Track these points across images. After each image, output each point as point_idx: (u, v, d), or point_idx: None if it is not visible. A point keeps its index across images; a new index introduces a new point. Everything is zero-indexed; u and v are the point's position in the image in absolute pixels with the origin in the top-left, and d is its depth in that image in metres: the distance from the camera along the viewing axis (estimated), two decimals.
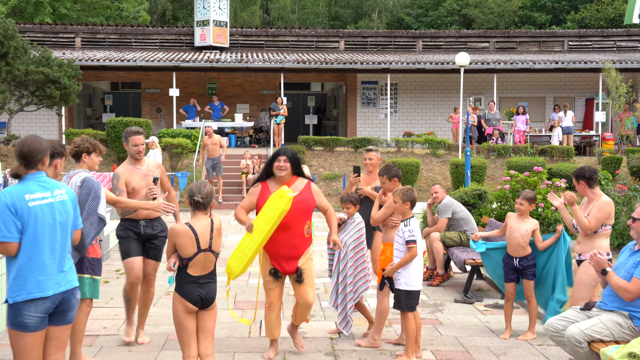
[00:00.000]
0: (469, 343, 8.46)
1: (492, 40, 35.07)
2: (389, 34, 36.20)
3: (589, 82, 31.54)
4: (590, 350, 6.42)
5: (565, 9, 57.92)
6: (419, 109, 32.42)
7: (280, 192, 6.94)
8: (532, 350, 8.20)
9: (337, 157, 26.11)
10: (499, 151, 26.12)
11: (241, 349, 8.02)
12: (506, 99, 31.84)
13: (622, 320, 6.46)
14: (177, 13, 58.67)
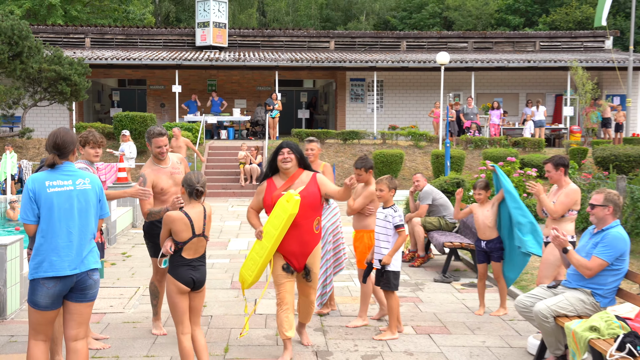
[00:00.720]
0: (447, 319, 8.50)
1: (470, 40, 35.10)
2: (376, 34, 36.19)
3: (558, 80, 31.59)
4: (555, 324, 6.47)
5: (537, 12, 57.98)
6: (403, 104, 32.45)
7: (287, 196, 6.43)
8: (504, 325, 8.25)
9: (327, 148, 26.12)
10: (476, 143, 26.20)
11: (237, 325, 8.02)
12: (483, 95, 31.90)
13: (584, 297, 6.51)
14: (180, 15, 58.62)
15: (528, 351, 7.25)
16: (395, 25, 58.34)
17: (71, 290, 5.19)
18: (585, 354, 6.21)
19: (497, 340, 7.65)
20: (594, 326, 6.02)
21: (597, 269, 6.42)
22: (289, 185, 6.71)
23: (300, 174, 6.79)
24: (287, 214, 6.35)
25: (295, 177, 6.75)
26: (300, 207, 6.43)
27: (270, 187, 6.78)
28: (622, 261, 6.46)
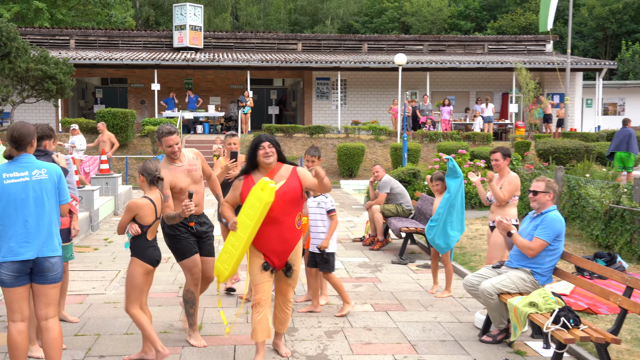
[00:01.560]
0: (403, 297, 8.56)
1: (426, 43, 35.25)
2: (340, 37, 36.23)
3: (504, 80, 31.88)
4: (499, 301, 6.57)
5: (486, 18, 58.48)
6: (365, 101, 32.54)
7: (261, 184, 5.56)
8: (454, 302, 8.34)
9: (295, 142, 26.13)
10: (430, 137, 26.38)
11: (210, 304, 8.02)
12: (437, 93, 32.08)
13: (525, 275, 6.62)
14: (159, 19, 58.20)
15: (475, 325, 7.34)
16: (357, 28, 58.45)
17: (33, 272, 5.18)
18: (526, 327, 6.32)
19: (448, 316, 7.74)
20: (533, 302, 6.13)
21: (538, 249, 6.53)
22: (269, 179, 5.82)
23: (279, 168, 5.94)
24: (263, 202, 5.54)
25: (275, 171, 5.90)
26: (281, 202, 5.68)
27: (248, 183, 5.89)
28: (559, 242, 6.58)
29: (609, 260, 9.53)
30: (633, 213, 10.08)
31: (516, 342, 6.78)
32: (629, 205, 10.21)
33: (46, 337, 5.29)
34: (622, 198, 10.52)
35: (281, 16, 61.16)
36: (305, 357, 6.35)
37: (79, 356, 6.28)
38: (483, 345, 6.74)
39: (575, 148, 22.16)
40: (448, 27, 58.07)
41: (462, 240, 12.04)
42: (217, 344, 6.71)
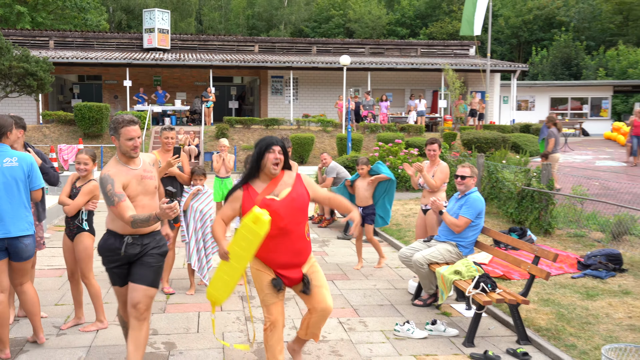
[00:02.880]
0: (346, 268, 8.63)
1: (367, 46, 35.34)
2: (292, 40, 36.04)
3: (435, 79, 32.19)
4: (429, 270, 6.68)
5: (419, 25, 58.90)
6: (314, 97, 32.50)
7: (253, 217, 4.33)
8: (391, 271, 8.44)
9: (253, 132, 25.99)
10: (371, 128, 26.49)
11: (180, 275, 7.94)
12: (377, 90, 32.21)
13: (451, 248, 6.73)
14: (130, 22, 57.15)
15: (409, 291, 7.46)
16: (307, 33, 58.30)
17: (10, 253, 5.16)
18: (451, 292, 6.45)
19: (385, 284, 7.83)
20: (458, 270, 6.25)
21: (464, 226, 6.65)
22: (272, 189, 4.54)
23: (282, 176, 4.62)
24: (259, 237, 4.36)
25: (278, 179, 4.58)
26: (290, 211, 4.49)
27: (249, 194, 4.52)
28: (480, 219, 6.71)
29: (521, 234, 9.76)
30: (541, 194, 10.32)
31: (443, 305, 6.92)
32: (538, 187, 10.44)
33: (24, 299, 5.38)
34: (532, 181, 10.75)
35: (240, 21, 60.64)
36: (261, 321, 6.37)
37: (58, 323, 6.20)
38: (415, 308, 6.85)
39: (494, 138, 22.53)
40: (386, 32, 58.32)
41: (398, 218, 12.18)
42: (183, 311, 6.69)
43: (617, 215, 10.25)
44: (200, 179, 7.31)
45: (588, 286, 7.40)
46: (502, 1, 55.74)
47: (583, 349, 5.48)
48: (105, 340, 5.75)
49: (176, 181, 7.28)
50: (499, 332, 6.13)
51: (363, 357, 5.43)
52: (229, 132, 25.00)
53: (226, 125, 25.52)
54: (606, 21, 54.13)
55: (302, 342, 5.00)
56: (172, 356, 5.40)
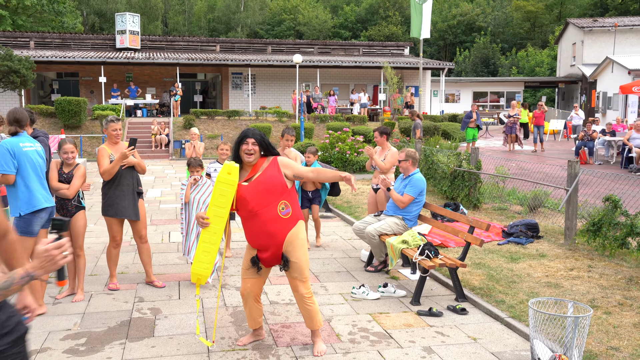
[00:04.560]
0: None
1: (316, 47, 35.20)
2: (250, 41, 35.62)
3: (375, 75, 32.31)
4: (379, 240, 6.74)
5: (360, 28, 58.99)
6: (270, 91, 32.24)
7: (227, 168, 4.24)
8: (345, 243, 8.48)
9: (216, 123, 25.65)
10: (321, 119, 26.43)
11: (155, 250, 7.84)
12: (325, 85, 32.17)
13: (398, 221, 6.81)
14: (103, 25, 55.61)
15: (361, 259, 7.52)
16: (262, 34, 57.76)
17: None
18: (399, 259, 6.54)
19: (341, 254, 7.88)
20: (405, 240, 6.33)
21: (408, 202, 6.72)
22: (252, 176, 4.33)
23: (262, 163, 4.37)
24: (233, 186, 4.24)
25: (258, 167, 4.35)
26: (255, 194, 4.24)
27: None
28: (422, 196, 6.80)
29: (454, 208, 9.93)
30: (470, 173, 10.52)
31: (392, 270, 7.01)
32: (467, 168, 10.63)
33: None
34: (462, 163, 10.94)
35: (202, 23, 59.63)
36: (234, 288, 6.34)
37: (53, 293, 6.03)
38: (368, 274, 6.91)
39: (427, 127, 22.78)
40: (332, 34, 58.23)
41: (348, 196, 12.23)
42: (165, 281, 6.60)
43: (532, 191, 10.54)
44: (197, 170, 6.59)
45: (512, 251, 7.60)
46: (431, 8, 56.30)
47: (510, 304, 5.64)
48: (97, 307, 5.63)
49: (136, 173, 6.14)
50: (440, 292, 6.25)
51: (326, 316, 5.46)
52: (195, 123, 24.64)
53: (192, 117, 25.12)
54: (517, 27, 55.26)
55: (314, 334, 4.63)
56: (158, 320, 5.33)
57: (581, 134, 18.88)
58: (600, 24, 34.45)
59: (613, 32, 33.23)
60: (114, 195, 5.91)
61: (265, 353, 4.61)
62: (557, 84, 38.35)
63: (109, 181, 5.93)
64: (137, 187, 6.04)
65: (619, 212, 7.25)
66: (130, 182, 5.96)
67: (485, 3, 57.94)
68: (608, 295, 5.81)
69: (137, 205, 6.02)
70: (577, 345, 4.24)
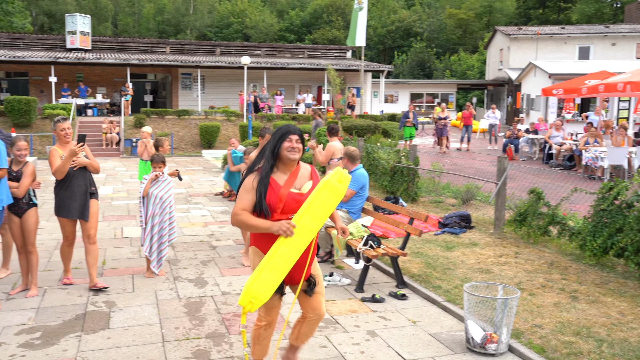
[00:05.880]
0: None
1: (263, 49, 34.98)
2: (199, 43, 35.06)
3: (319, 77, 32.37)
4: (326, 232, 6.79)
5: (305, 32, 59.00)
6: (219, 91, 31.83)
7: (338, 175, 3.35)
8: None
9: (166, 121, 25.16)
10: (268, 118, 26.32)
11: (110, 246, 7.65)
12: (272, 85, 32.03)
13: (343, 214, 6.87)
14: (53, 25, 53.58)
15: None
16: (210, 37, 57.00)
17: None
18: (344, 250, 6.61)
19: None
20: (350, 232, 6.41)
21: (350, 196, 6.80)
22: (293, 181, 3.43)
23: (299, 168, 3.52)
24: (339, 197, 3.34)
25: (297, 171, 3.48)
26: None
27: (270, 185, 3.37)
28: (364, 190, 6.89)
29: (395, 202, 10.11)
30: (409, 169, 10.72)
31: (337, 260, 7.08)
32: (406, 164, 10.83)
33: None
34: (401, 159, 11.13)
35: (151, 25, 58.26)
36: (187, 280, 6.27)
37: (6, 289, 5.82)
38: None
39: (368, 125, 23.03)
40: (278, 37, 57.98)
41: None
42: (119, 275, 6.46)
43: (465, 185, 10.84)
44: (160, 166, 6.38)
45: (447, 240, 7.80)
46: (371, 14, 56.84)
47: (446, 289, 5.80)
48: (52, 302, 5.46)
49: (89, 173, 5.78)
50: (382, 279, 6.36)
51: None
52: (146, 122, 24.10)
53: (143, 116, 24.58)
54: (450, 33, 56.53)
55: (295, 350, 3.94)
56: (113, 312, 5.22)
57: (508, 132, 19.51)
58: (525, 32, 35.64)
59: (536, 39, 34.44)
60: (65, 196, 5.63)
61: (218, 341, 4.59)
62: (486, 86, 39.45)
63: (60, 181, 5.63)
64: (89, 187, 5.75)
65: (542, 203, 7.56)
66: (82, 182, 5.67)
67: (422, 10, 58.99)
68: (532, 279, 6.06)
69: (87, 206, 5.71)
70: (506, 324, 4.41)
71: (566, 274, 6.21)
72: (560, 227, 7.27)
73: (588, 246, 6.57)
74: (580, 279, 6.06)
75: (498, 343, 4.38)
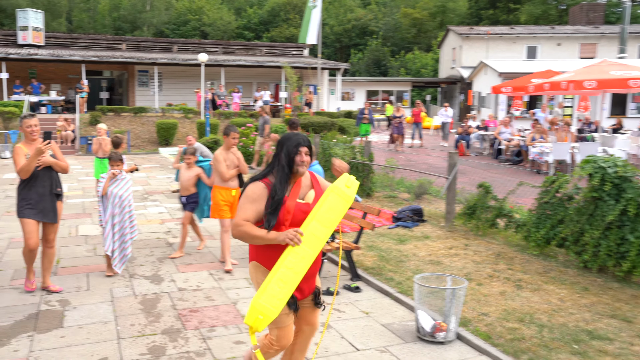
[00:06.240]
0: (212, 230, 8.52)
1: (220, 46, 34.61)
2: (155, 40, 34.42)
3: (276, 74, 32.24)
4: None
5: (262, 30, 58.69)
6: (176, 88, 31.33)
7: (346, 180, 3.17)
8: None
9: (123, 119, 24.65)
10: (226, 115, 26.10)
11: (63, 244, 7.47)
12: (230, 83, 31.71)
13: None
14: (4, 21, 51.58)
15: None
16: (168, 34, 56.05)
17: None
18: None
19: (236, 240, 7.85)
20: None
21: None
22: (298, 191, 3.20)
23: (302, 177, 3.28)
24: (348, 203, 3.13)
25: (300, 181, 3.25)
26: None
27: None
28: None
29: None
30: (364, 165, 10.83)
31: None
32: (361, 159, 10.94)
33: None
34: (357, 155, 11.23)
35: (107, 22, 56.84)
36: (143, 277, 6.20)
37: None
38: None
39: (325, 122, 23.13)
40: (235, 35, 57.48)
41: None
42: (72, 273, 6.33)
43: (418, 180, 11.02)
44: (118, 165, 6.21)
45: (400, 234, 7.94)
46: (328, 13, 57.00)
47: (399, 280, 5.91)
48: (3, 302, 5.31)
49: (55, 174, 5.53)
50: (336, 272, 6.42)
51: (231, 299, 5.47)
52: (102, 119, 23.56)
53: (99, 113, 24.02)
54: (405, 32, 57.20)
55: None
56: (67, 311, 5.12)
57: (459, 129, 19.91)
58: (476, 31, 36.39)
59: (486, 39, 35.21)
60: (28, 196, 5.33)
61: (174, 337, 4.56)
62: (439, 84, 40.11)
63: (24, 181, 5.34)
64: (55, 188, 5.47)
65: (490, 196, 7.77)
66: (47, 183, 5.38)
67: (377, 9, 59.46)
68: (480, 269, 6.23)
69: (55, 208, 5.46)
70: (454, 313, 4.53)
71: (512, 264, 6.41)
72: (507, 220, 7.49)
73: (532, 237, 6.80)
74: (525, 268, 6.27)
75: (447, 331, 4.50)
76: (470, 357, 4.27)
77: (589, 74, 14.05)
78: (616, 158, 6.04)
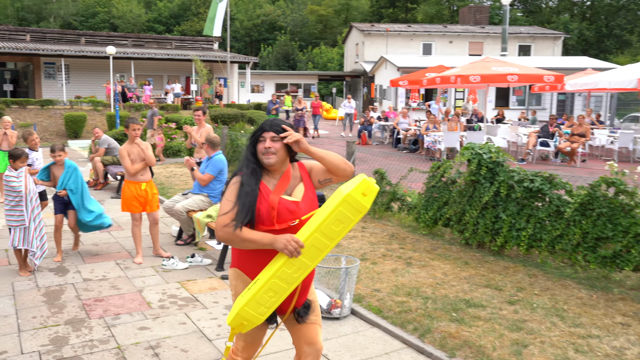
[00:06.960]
0: (122, 220, 8.25)
1: (130, 39, 33.14)
2: (62, 32, 32.37)
3: (187, 67, 31.39)
4: (187, 216, 6.71)
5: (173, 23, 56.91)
6: (85, 81, 29.72)
7: (363, 186, 2.43)
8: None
9: (29, 112, 23.09)
10: (136, 107, 25.11)
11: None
12: (140, 75, 30.53)
13: (204, 198, 6.83)
14: None
15: (172, 235, 7.42)
16: (75, 26, 52.89)
17: None
18: (205, 232, 6.59)
19: None
20: (210, 214, 6.39)
21: (208, 180, 6.76)
22: (284, 185, 2.58)
23: (290, 169, 2.65)
24: (361, 214, 2.45)
25: (288, 173, 2.61)
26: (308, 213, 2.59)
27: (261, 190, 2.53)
28: (222, 174, 6.87)
29: None
30: None
31: (200, 242, 7.03)
32: None
33: None
34: None
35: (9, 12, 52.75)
36: (47, 270, 5.90)
37: None
38: (178, 247, 6.86)
39: (234, 114, 22.85)
40: (146, 28, 55.26)
41: (162, 179, 11.89)
42: None
43: None
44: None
45: None
46: (238, 8, 56.15)
47: None
48: None
49: None
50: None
51: (137, 287, 5.34)
52: (6, 112, 21.91)
53: (2, 106, 22.33)
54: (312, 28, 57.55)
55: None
56: None
57: (362, 119, 20.39)
58: (377, 28, 37.26)
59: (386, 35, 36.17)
60: None
61: (77, 326, 4.40)
62: (344, 77, 40.78)
63: None
64: None
65: (385, 182, 8.06)
66: None
67: (285, 5, 59.30)
68: (375, 249, 6.47)
69: None
70: (348, 290, 4.69)
71: (404, 244, 6.71)
72: (401, 203, 7.81)
73: (422, 218, 7.14)
74: (415, 247, 6.58)
75: (342, 308, 4.65)
76: (363, 329, 4.45)
77: (474, 70, 14.83)
78: (491, 145, 6.45)
